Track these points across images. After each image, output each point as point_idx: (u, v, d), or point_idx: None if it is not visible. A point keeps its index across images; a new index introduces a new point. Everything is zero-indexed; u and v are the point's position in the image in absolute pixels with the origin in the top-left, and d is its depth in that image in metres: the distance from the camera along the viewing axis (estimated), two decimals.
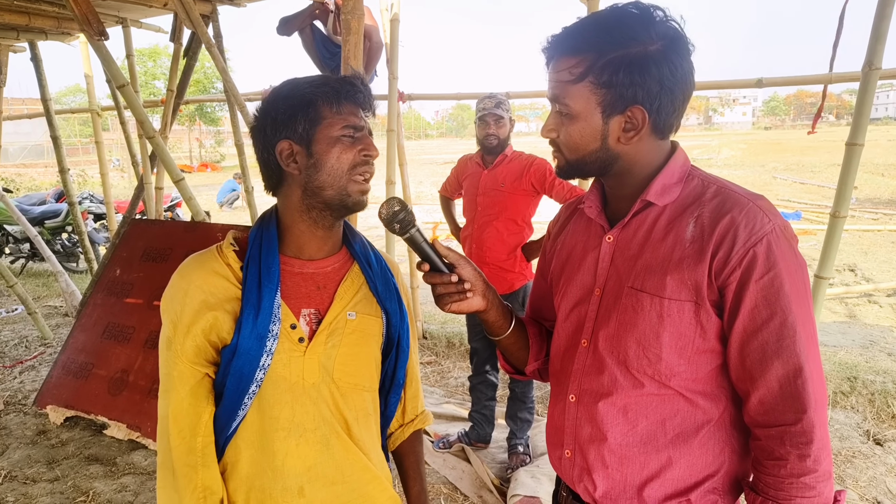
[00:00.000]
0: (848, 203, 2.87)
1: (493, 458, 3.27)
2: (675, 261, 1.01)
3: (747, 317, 0.97)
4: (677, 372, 1.03)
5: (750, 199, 1.00)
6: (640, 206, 1.07)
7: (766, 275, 0.95)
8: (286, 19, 4.33)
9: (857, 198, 13.28)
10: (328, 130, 1.09)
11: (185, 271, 1.13)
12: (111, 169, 10.26)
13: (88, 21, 3.26)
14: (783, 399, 0.96)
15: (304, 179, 1.11)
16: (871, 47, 2.67)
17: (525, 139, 50.24)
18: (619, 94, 0.98)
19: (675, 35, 0.98)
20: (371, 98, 1.15)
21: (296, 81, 1.13)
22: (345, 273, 1.20)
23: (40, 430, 3.66)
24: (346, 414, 1.16)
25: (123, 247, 4.11)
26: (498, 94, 3.12)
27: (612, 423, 1.08)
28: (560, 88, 1.03)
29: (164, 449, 1.12)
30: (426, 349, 4.90)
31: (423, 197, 14.78)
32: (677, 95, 1.01)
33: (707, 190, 1.04)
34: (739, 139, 37.48)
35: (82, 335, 3.92)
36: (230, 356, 1.09)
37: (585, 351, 1.12)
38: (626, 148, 1.04)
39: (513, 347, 1.28)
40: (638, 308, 1.03)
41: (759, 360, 0.97)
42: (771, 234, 0.96)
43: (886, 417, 3.59)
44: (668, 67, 0.97)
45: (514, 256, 3.09)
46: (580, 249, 1.17)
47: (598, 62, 0.97)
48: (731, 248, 0.96)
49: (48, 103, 5.58)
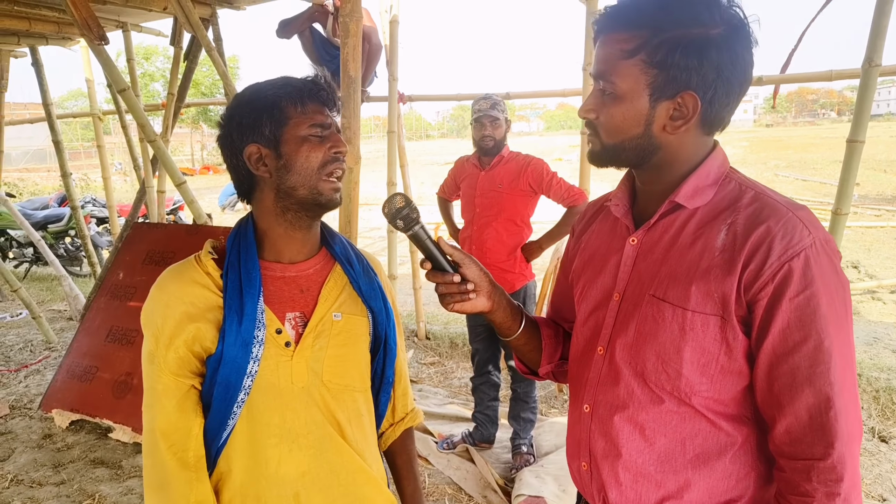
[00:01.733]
0: (850, 200, 2.87)
1: (498, 459, 3.27)
2: (703, 270, 0.93)
3: (778, 338, 0.88)
4: (699, 390, 0.95)
5: (790, 208, 0.91)
6: (669, 207, 0.99)
7: (802, 293, 0.86)
8: (286, 22, 4.35)
9: (860, 194, 13.25)
10: (295, 130, 1.08)
11: (164, 283, 1.12)
12: (113, 173, 10.28)
13: (89, 26, 3.27)
14: (812, 431, 0.88)
15: (275, 182, 1.10)
16: (871, 44, 2.66)
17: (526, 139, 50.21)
18: (672, 77, 0.90)
19: (739, 22, 0.90)
20: (335, 95, 1.15)
21: (257, 86, 1.12)
22: (327, 274, 1.19)
23: (46, 433, 3.67)
24: (338, 416, 1.15)
25: (126, 250, 4.12)
26: (493, 96, 3.13)
27: (627, 438, 1.01)
28: (608, 64, 0.94)
29: (152, 465, 1.08)
30: (429, 350, 4.90)
31: (425, 198, 14.76)
32: (734, 87, 0.92)
33: (744, 195, 0.95)
34: (741, 136, 37.41)
35: (86, 339, 3.93)
36: (216, 365, 1.07)
37: (601, 359, 1.05)
38: (671, 138, 0.96)
39: (524, 349, 1.24)
40: (659, 318, 0.96)
41: (788, 385, 0.89)
42: (810, 248, 0.87)
43: (891, 414, 3.58)
44: (729, 55, 0.89)
45: (514, 257, 3.10)
46: (603, 250, 1.11)
47: (654, 40, 0.89)
48: (765, 260, 0.88)
49: (50, 108, 5.59)
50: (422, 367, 4.58)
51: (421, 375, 4.42)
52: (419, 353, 4.85)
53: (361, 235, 2.48)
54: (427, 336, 5.12)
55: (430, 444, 3.36)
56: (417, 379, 4.35)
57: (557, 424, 3.57)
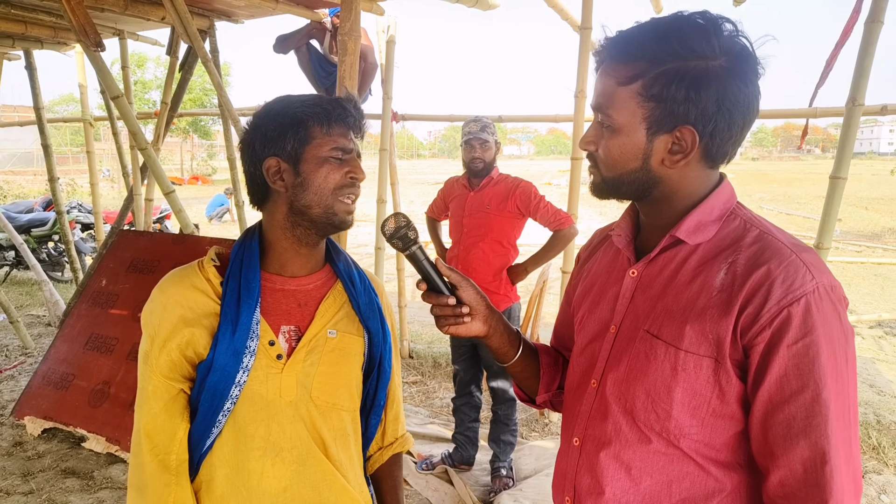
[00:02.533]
0: (831, 235, 2.92)
1: (477, 481, 3.24)
2: (699, 309, 0.89)
3: (774, 386, 0.85)
4: (688, 433, 0.91)
5: (794, 251, 0.87)
6: (669, 241, 0.96)
7: (801, 340, 0.83)
8: (283, 37, 4.38)
9: (842, 230, 13.46)
10: (317, 151, 1.09)
11: (165, 286, 1.13)
12: (101, 179, 10.21)
13: (86, 32, 3.28)
14: (807, 486, 0.84)
15: (290, 197, 1.11)
16: (855, 84, 2.73)
17: (517, 162, 50.61)
18: (669, 111, 0.88)
19: (744, 53, 0.87)
20: (362, 121, 1.16)
21: (288, 99, 1.14)
22: (327, 291, 1.19)
23: (17, 441, 3.60)
24: (323, 434, 1.15)
25: (110, 257, 4.08)
26: (484, 118, 3.16)
27: (612, 476, 0.97)
28: (605, 97, 0.93)
29: (135, 465, 1.10)
30: (412, 368, 4.88)
31: (414, 216, 14.70)
32: (736, 120, 0.89)
33: (748, 234, 0.92)
34: (727, 169, 37.81)
35: (64, 345, 3.87)
36: (206, 372, 1.08)
37: (594, 392, 1.02)
38: (670, 172, 0.93)
39: (521, 375, 1.21)
40: (651, 355, 0.93)
41: (783, 436, 0.85)
42: (812, 293, 0.83)
43: (867, 449, 3.61)
44: (731, 87, 0.87)
45: (500, 278, 3.11)
46: (603, 280, 1.08)
47: (650, 72, 0.87)
48: (763, 304, 0.84)
49: (41, 112, 5.57)
50: (404, 386, 4.55)
51: (403, 394, 4.38)
52: (402, 371, 4.82)
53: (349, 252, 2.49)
54: (410, 355, 5.10)
55: (409, 463, 3.33)
56: None
57: (537, 448, 3.56)
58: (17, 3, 3.79)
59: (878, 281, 8.85)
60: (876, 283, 8.74)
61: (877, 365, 5.40)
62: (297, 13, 4.03)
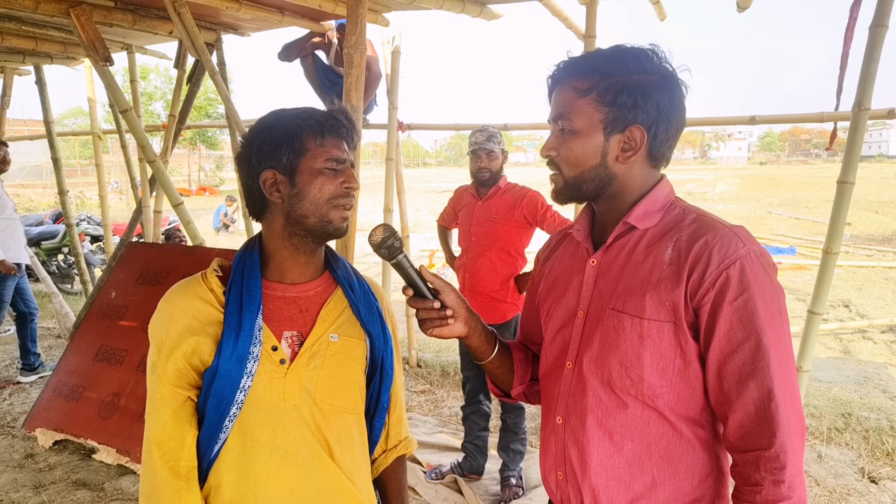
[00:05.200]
0: (840, 240, 2.91)
1: (486, 490, 3.23)
2: (654, 282, 1.04)
3: (723, 339, 0.99)
4: (660, 393, 1.05)
5: (726, 226, 1.04)
6: (623, 228, 1.12)
7: (740, 297, 0.98)
8: (288, 45, 4.43)
9: (851, 234, 13.37)
10: (311, 162, 1.13)
11: (170, 297, 1.17)
12: (110, 191, 10.29)
13: (95, 47, 3.32)
14: (759, 423, 0.98)
15: (286, 208, 1.15)
16: (861, 88, 2.73)
17: (523, 169, 50.64)
18: (622, 114, 1.06)
19: (671, 73, 1.08)
20: (354, 132, 1.19)
21: (282, 113, 1.17)
22: (328, 296, 1.22)
23: (28, 453, 3.61)
24: (328, 436, 1.17)
25: (120, 269, 4.11)
26: (490, 128, 3.17)
27: (598, 444, 1.09)
28: (565, 106, 1.09)
29: (146, 473, 1.12)
30: (420, 378, 4.88)
31: (421, 225, 14.83)
32: (673, 124, 1.08)
33: (686, 217, 1.09)
34: (735, 174, 37.84)
35: (75, 357, 3.89)
36: (211, 378, 1.11)
37: (570, 373, 1.14)
38: (623, 168, 1.10)
39: (497, 371, 1.31)
40: (619, 329, 1.06)
41: (735, 382, 0.99)
42: (745, 257, 0.99)
43: (881, 455, 3.57)
44: (667, 96, 1.06)
45: (507, 287, 3.11)
46: (566, 274, 1.21)
47: (603, 83, 1.05)
48: (706, 269, 1.00)
49: (50, 126, 5.63)
50: (412, 395, 4.55)
51: (411, 403, 4.39)
52: (410, 380, 4.82)
53: (357, 261, 2.51)
54: (419, 364, 5.10)
55: (419, 473, 3.32)
56: (408, 407, 4.30)
57: None
58: (28, 20, 3.84)
59: (890, 285, 8.77)
60: (887, 287, 8.66)
61: (889, 370, 5.34)
62: (303, 25, 4.07)
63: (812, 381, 4.73)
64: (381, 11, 3.79)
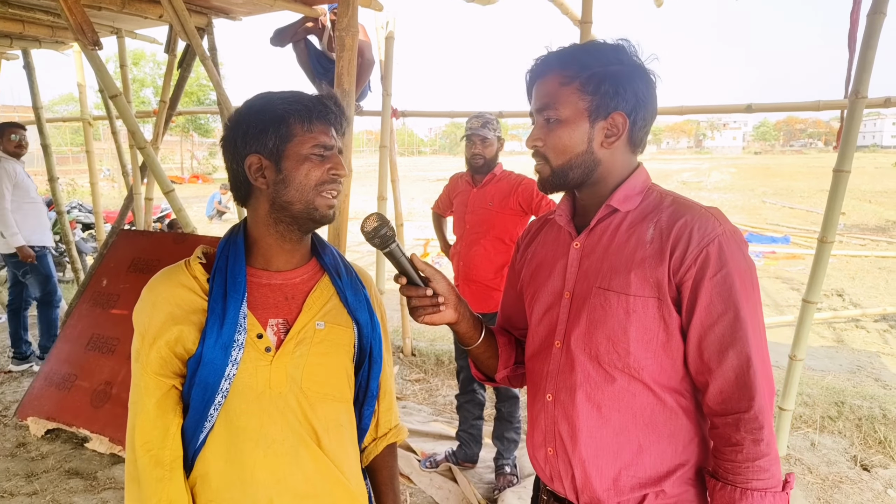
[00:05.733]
0: (835, 228, 2.90)
1: (481, 479, 3.23)
2: (638, 260, 1.10)
3: (704, 312, 1.05)
4: (645, 365, 1.10)
5: (703, 207, 1.11)
6: (605, 212, 1.17)
7: (719, 272, 1.04)
8: (280, 30, 4.38)
9: (845, 224, 13.42)
10: (298, 148, 1.10)
11: (153, 284, 1.15)
12: (101, 178, 10.21)
13: (83, 30, 3.26)
14: (738, 388, 1.04)
15: (272, 194, 1.12)
16: (858, 76, 2.71)
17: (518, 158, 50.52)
18: (604, 102, 1.11)
19: (642, 65, 1.15)
20: (343, 118, 1.17)
21: (269, 96, 1.14)
22: (314, 284, 1.20)
23: (20, 442, 3.59)
24: (315, 424, 1.15)
25: (111, 257, 4.07)
26: (486, 114, 3.14)
27: (586, 417, 1.14)
28: (550, 97, 1.13)
29: (130, 460, 1.12)
30: (415, 366, 4.87)
31: (415, 213, 14.79)
32: (649, 111, 1.15)
33: (664, 200, 1.15)
34: (729, 163, 37.90)
35: (66, 346, 3.86)
36: (195, 366, 1.10)
37: (559, 352, 1.19)
38: (607, 153, 1.15)
39: (483, 356, 1.35)
40: (606, 306, 1.12)
41: (716, 351, 1.06)
42: (722, 235, 1.06)
43: (873, 443, 3.59)
44: (644, 85, 1.13)
45: (501, 275, 3.08)
46: (550, 258, 1.26)
47: (584, 73, 1.11)
48: (687, 247, 1.06)
49: (39, 111, 5.56)
50: (407, 384, 4.54)
51: (406, 392, 4.39)
52: (405, 369, 4.82)
53: (350, 249, 2.50)
54: (413, 353, 5.09)
55: (413, 462, 3.32)
56: (402, 396, 4.31)
57: None
58: (15, 3, 3.77)
59: (883, 274, 8.81)
60: (880, 276, 8.70)
61: (882, 359, 5.37)
62: (294, 9, 4.01)
63: (806, 369, 4.74)
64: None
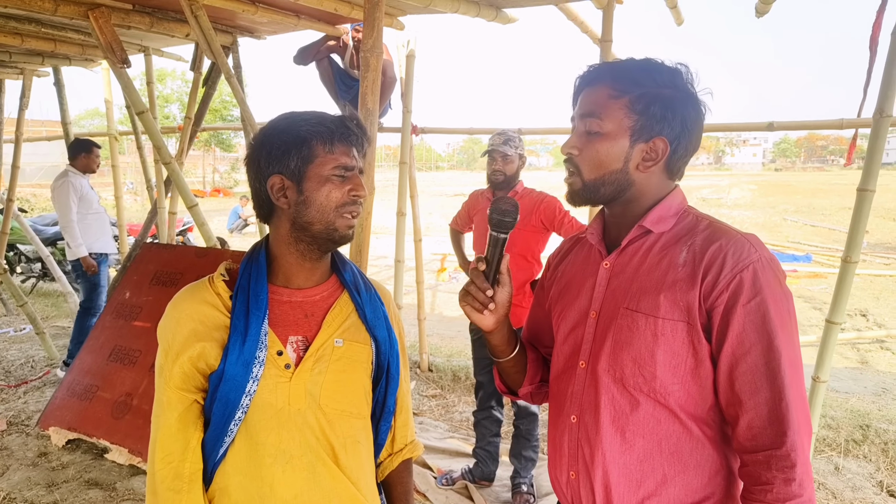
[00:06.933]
0: (859, 248, 2.86)
1: (497, 497, 3.21)
2: (669, 283, 1.07)
3: (735, 341, 1.01)
4: (671, 391, 1.07)
5: (739, 232, 1.08)
6: (638, 232, 1.14)
7: (753, 300, 1.00)
8: (303, 49, 4.45)
9: (869, 242, 13.20)
10: (319, 169, 1.12)
11: (177, 301, 1.18)
12: (125, 192, 10.38)
13: (112, 49, 3.35)
14: (770, 423, 0.99)
15: (293, 214, 1.14)
16: (882, 95, 2.68)
17: (536, 173, 50.59)
18: (649, 124, 1.08)
19: (695, 94, 1.12)
20: (365, 138, 1.19)
21: (292, 117, 1.16)
22: (333, 301, 1.22)
23: (41, 451, 3.64)
24: (332, 441, 1.17)
25: (134, 270, 4.13)
26: (508, 131, 3.15)
27: (610, 442, 1.11)
28: (597, 106, 1.11)
29: (150, 473, 1.14)
30: (431, 382, 4.86)
31: (433, 228, 14.82)
32: (693, 140, 1.12)
33: (700, 224, 1.12)
34: (750, 180, 37.49)
35: (88, 357, 3.92)
36: (217, 382, 1.12)
37: (584, 372, 1.16)
38: (642, 176, 1.12)
39: (511, 370, 1.33)
40: (633, 327, 1.08)
41: (748, 383, 1.01)
42: (757, 262, 1.02)
43: None
44: (693, 114, 1.10)
45: (523, 292, 3.09)
46: (579, 276, 1.24)
47: (635, 91, 1.08)
48: (720, 272, 1.02)
49: (68, 127, 5.68)
50: (423, 400, 4.53)
51: (422, 408, 4.37)
52: (421, 385, 4.81)
53: (369, 264, 2.50)
54: (430, 368, 5.08)
55: (429, 478, 3.31)
56: (418, 411, 4.30)
57: None
58: (48, 22, 3.88)
59: None
60: None
61: None
62: (318, 29, 4.08)
63: (829, 391, 4.65)
64: (397, 15, 3.79)
